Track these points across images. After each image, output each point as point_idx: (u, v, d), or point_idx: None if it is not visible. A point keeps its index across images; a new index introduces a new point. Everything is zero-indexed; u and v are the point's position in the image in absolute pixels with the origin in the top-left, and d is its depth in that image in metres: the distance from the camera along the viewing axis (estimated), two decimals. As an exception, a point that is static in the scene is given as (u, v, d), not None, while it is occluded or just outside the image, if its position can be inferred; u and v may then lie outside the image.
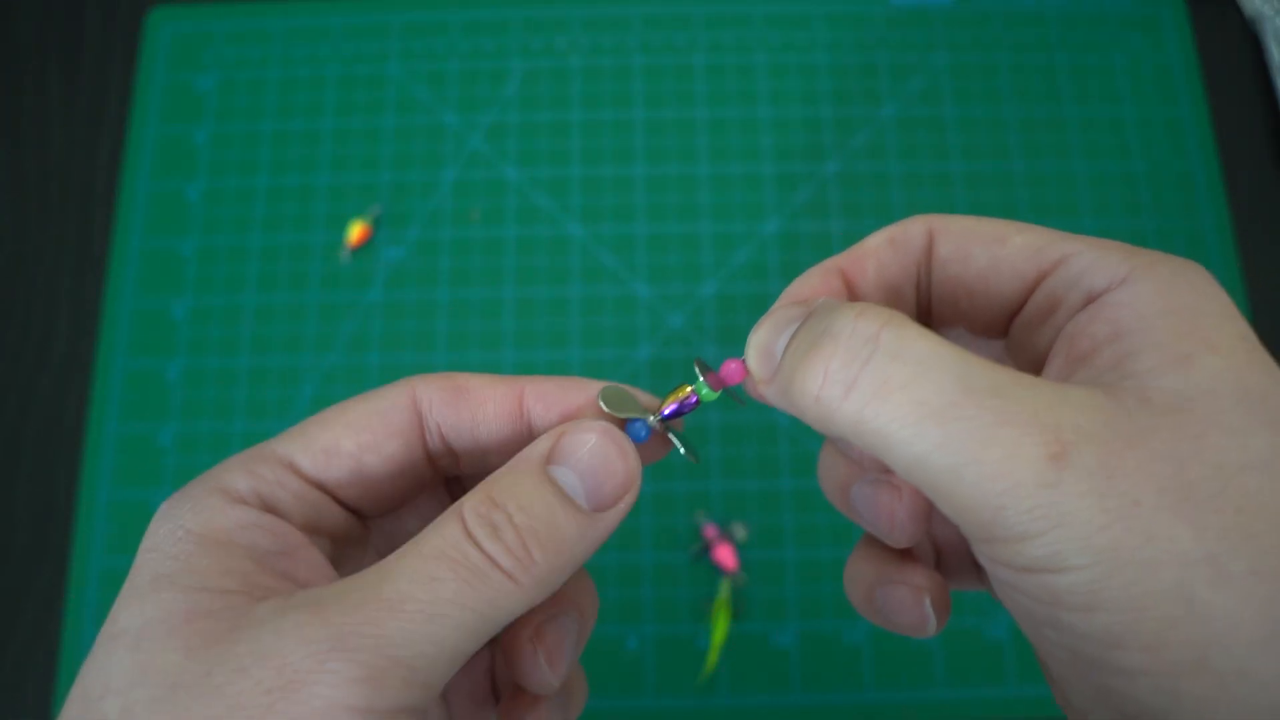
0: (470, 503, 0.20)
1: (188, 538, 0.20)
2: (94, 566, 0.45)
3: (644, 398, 0.23)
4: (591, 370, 0.47)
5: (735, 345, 0.48)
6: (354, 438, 0.22)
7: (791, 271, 0.49)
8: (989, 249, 0.21)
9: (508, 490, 0.20)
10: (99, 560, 0.45)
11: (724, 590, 0.44)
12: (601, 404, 0.22)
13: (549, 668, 0.22)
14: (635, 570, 0.44)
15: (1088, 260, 0.19)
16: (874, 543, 0.24)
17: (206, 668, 0.17)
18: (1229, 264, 0.49)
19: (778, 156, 0.51)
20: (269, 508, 0.21)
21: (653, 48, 0.53)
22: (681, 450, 0.22)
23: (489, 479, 0.20)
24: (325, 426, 0.22)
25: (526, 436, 0.23)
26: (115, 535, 0.46)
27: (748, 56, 0.53)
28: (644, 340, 0.48)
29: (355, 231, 0.50)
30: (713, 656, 0.43)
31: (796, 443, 0.46)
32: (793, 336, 0.20)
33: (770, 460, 0.46)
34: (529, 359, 0.48)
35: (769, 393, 0.20)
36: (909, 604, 0.22)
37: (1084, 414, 0.17)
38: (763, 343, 0.20)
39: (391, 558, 0.19)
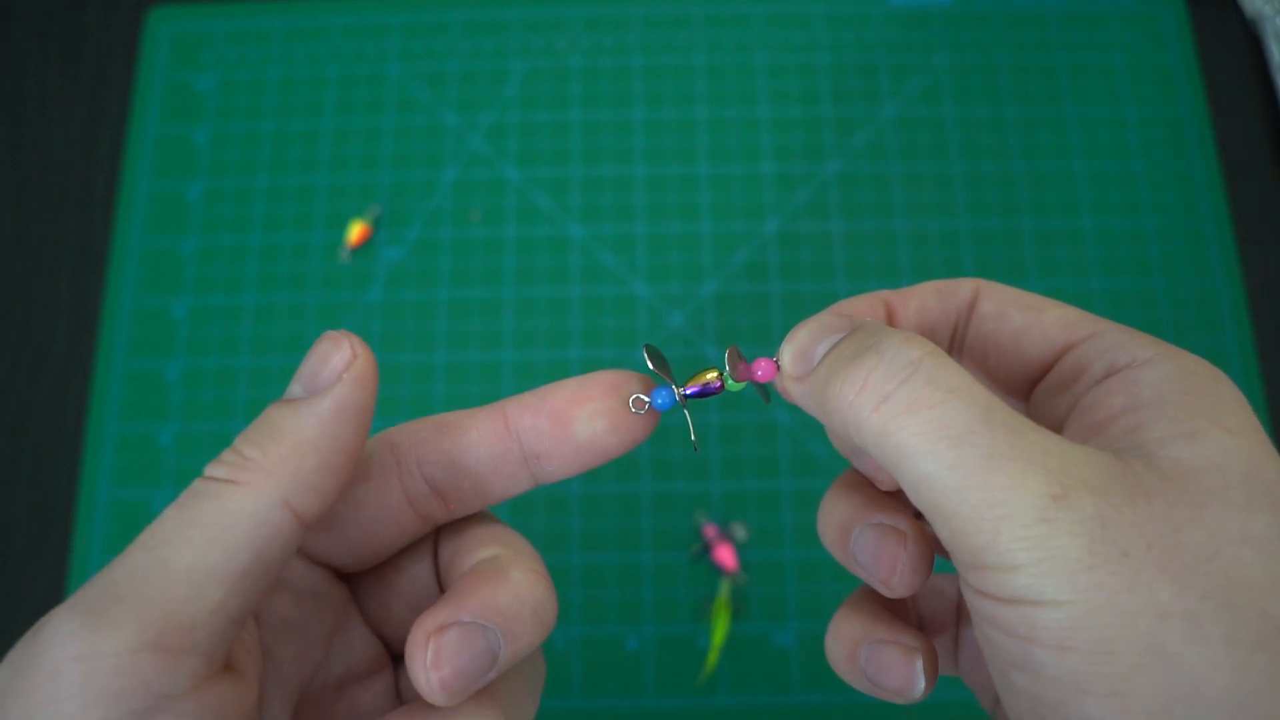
0: None
1: None
2: (94, 566, 0.45)
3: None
4: (591, 369, 0.47)
5: (735, 345, 0.48)
6: None
7: (791, 271, 0.49)
8: (1025, 314, 0.22)
9: None
10: (99, 560, 0.45)
11: (724, 590, 0.44)
12: (646, 356, 0.24)
13: (431, 670, 0.19)
14: (635, 570, 0.44)
15: (1115, 338, 0.21)
16: (863, 600, 0.24)
17: None
18: (1229, 263, 0.49)
19: (778, 156, 0.51)
20: None
21: (653, 48, 0.53)
22: (692, 431, 0.23)
23: None
24: None
25: (518, 452, 0.23)
26: (115, 535, 0.46)
27: (748, 56, 0.53)
28: (644, 340, 0.48)
29: (355, 231, 0.50)
30: (713, 657, 0.43)
31: (797, 443, 0.46)
32: (835, 345, 0.21)
33: (770, 460, 0.46)
34: (529, 359, 0.48)
35: (797, 390, 0.22)
36: (898, 664, 0.22)
37: (1089, 468, 0.18)
38: (802, 344, 0.21)
39: None
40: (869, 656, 0.22)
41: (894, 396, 0.19)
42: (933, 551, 0.22)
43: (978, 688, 0.24)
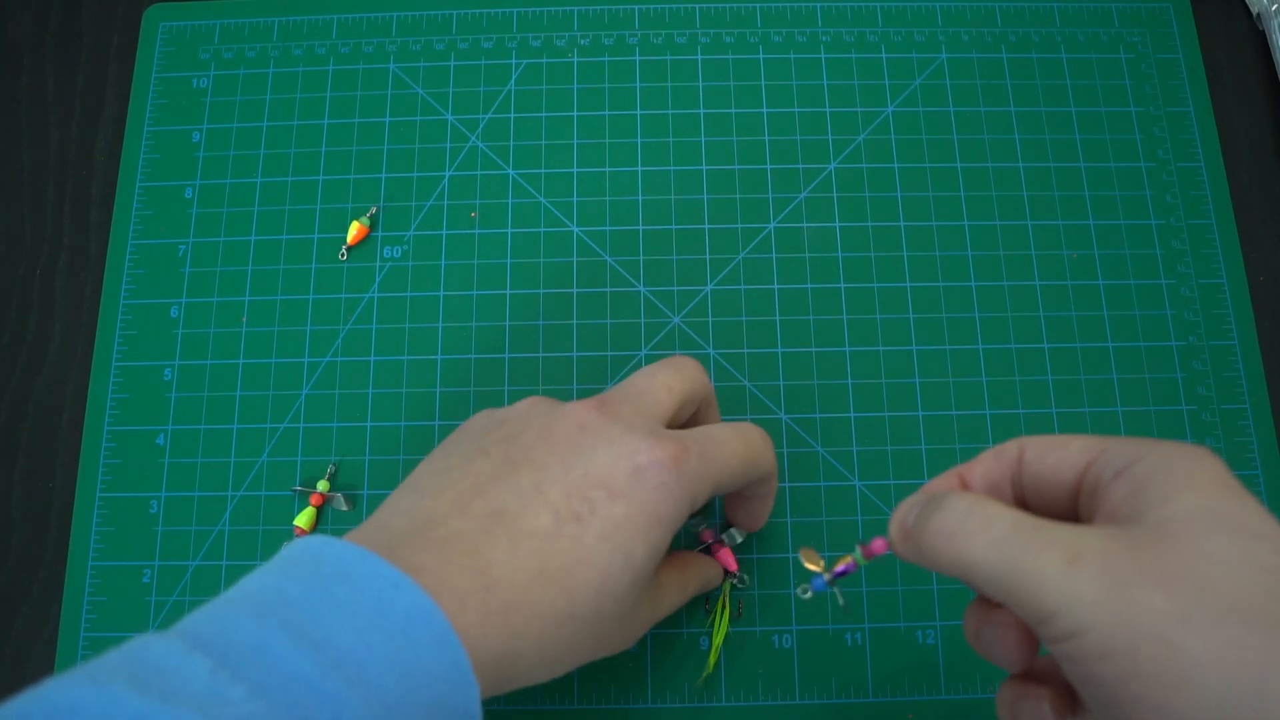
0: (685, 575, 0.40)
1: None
2: (91, 566, 0.45)
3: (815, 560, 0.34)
4: (591, 369, 0.47)
5: (736, 345, 0.47)
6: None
7: (791, 270, 0.49)
8: (1056, 452, 0.30)
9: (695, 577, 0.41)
10: (96, 560, 0.45)
11: (724, 591, 0.43)
12: (802, 559, 0.34)
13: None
14: (635, 571, 0.44)
15: (1118, 449, 0.28)
16: (1012, 676, 0.32)
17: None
18: (1233, 260, 0.49)
19: (778, 154, 0.51)
20: None
21: (653, 45, 0.53)
22: (840, 598, 0.35)
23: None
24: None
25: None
26: (112, 535, 0.45)
27: (749, 53, 0.53)
28: (644, 340, 0.48)
29: (353, 230, 0.49)
30: (713, 658, 0.42)
31: (795, 444, 0.46)
32: (919, 513, 0.29)
33: (771, 460, 0.46)
34: (529, 359, 0.47)
35: (903, 550, 0.30)
36: (1033, 708, 0.29)
37: (1093, 538, 0.25)
38: (900, 519, 0.30)
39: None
40: (1019, 709, 0.30)
41: (957, 533, 0.27)
42: (1031, 636, 0.29)
43: None
